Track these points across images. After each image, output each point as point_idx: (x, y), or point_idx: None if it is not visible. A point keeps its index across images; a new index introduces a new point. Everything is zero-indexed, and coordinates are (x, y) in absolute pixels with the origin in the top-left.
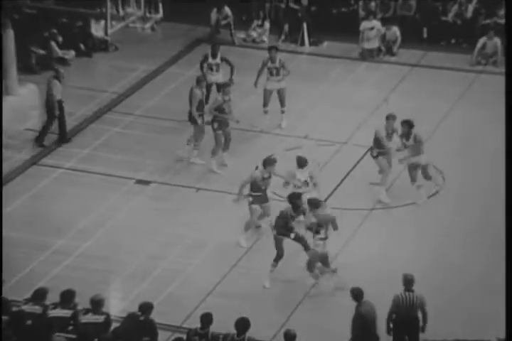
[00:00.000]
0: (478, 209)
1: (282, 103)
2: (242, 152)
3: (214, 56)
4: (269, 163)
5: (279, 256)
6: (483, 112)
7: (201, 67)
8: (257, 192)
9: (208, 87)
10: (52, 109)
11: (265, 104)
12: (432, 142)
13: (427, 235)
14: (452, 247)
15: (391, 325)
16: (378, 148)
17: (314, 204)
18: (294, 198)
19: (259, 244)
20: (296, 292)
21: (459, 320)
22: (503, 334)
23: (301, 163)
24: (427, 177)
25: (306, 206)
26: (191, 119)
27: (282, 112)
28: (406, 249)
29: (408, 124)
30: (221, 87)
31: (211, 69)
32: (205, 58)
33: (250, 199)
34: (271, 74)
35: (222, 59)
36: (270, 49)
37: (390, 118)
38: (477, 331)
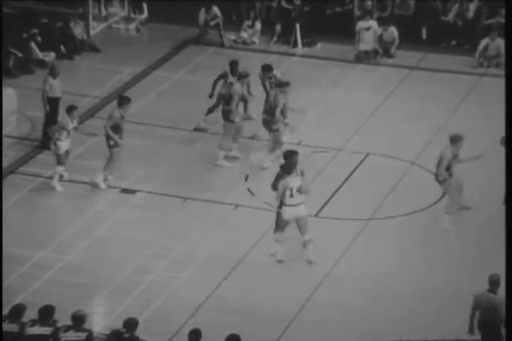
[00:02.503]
0: (477, 211)
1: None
2: (231, 159)
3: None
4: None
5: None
6: (486, 116)
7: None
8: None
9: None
10: (44, 106)
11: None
12: (431, 147)
13: (426, 242)
14: (452, 248)
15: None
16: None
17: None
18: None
19: (252, 256)
20: (290, 307)
21: (459, 319)
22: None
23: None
24: None
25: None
26: (227, 117)
27: (285, 125)
28: (404, 259)
29: None
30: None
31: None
32: (224, 75)
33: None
34: (271, 86)
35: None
36: (264, 69)
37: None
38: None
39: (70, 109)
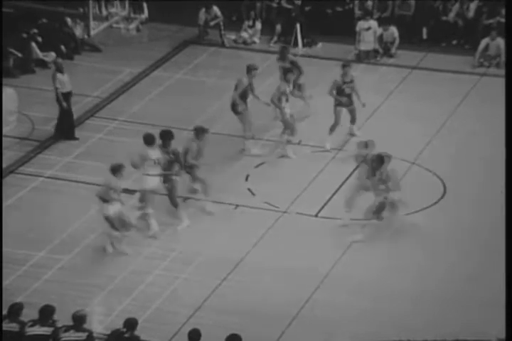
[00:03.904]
0: (477, 211)
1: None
2: (231, 159)
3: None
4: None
5: None
6: (486, 116)
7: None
8: None
9: None
10: (59, 103)
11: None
12: (431, 148)
13: (426, 242)
14: (451, 248)
15: None
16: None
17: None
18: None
19: (252, 256)
20: (290, 307)
21: (459, 320)
22: (503, 335)
23: (149, 140)
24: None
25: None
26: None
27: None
28: (403, 259)
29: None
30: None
31: None
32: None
33: None
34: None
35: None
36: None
37: None
38: (477, 331)
39: (116, 169)
